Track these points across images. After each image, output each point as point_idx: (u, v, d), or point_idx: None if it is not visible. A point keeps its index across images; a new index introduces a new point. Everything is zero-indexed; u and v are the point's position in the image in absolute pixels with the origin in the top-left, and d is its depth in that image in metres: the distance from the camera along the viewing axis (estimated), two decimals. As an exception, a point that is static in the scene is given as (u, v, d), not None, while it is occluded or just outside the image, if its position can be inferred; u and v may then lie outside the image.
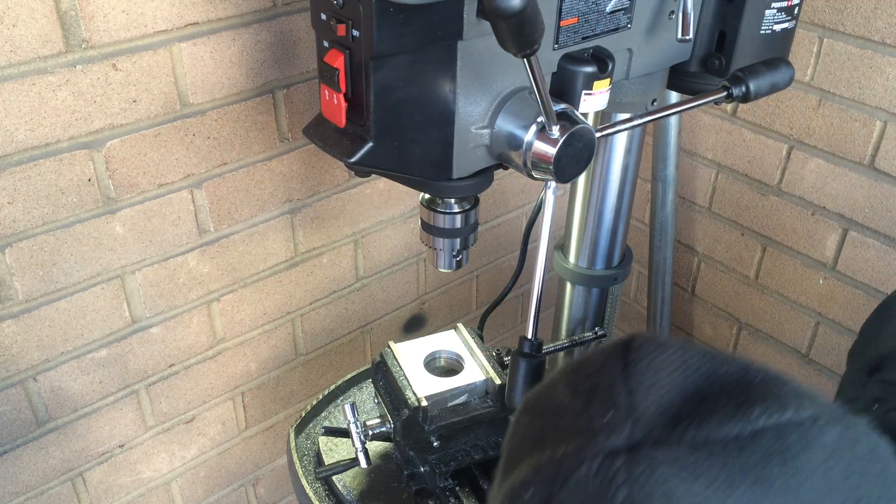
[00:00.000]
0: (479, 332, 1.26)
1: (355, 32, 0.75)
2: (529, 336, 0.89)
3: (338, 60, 0.78)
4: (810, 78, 1.44)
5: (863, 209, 1.45)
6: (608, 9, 0.90)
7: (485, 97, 0.84)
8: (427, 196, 0.96)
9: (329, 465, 1.11)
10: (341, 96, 0.79)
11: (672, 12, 0.99)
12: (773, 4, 1.02)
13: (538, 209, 1.22)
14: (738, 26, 1.03)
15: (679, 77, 1.10)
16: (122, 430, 1.32)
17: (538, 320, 0.89)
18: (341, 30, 0.76)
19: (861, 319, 1.62)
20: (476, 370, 1.14)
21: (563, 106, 0.84)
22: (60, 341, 1.18)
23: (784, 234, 1.60)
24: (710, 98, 1.04)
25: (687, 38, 0.99)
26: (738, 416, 0.41)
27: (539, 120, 0.82)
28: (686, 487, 0.38)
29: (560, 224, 1.38)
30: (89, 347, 1.22)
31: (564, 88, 0.88)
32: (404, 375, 1.11)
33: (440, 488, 1.10)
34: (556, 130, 0.81)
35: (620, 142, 1.20)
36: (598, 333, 1.28)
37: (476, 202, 0.97)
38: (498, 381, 1.10)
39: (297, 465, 1.16)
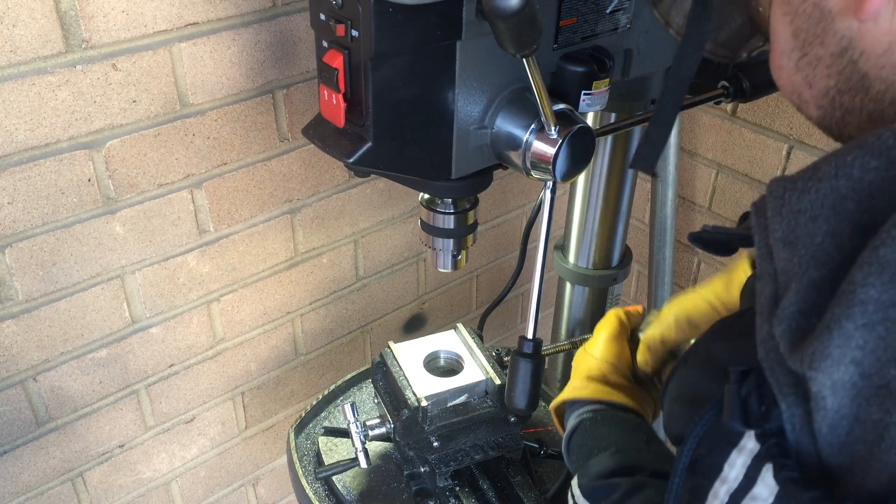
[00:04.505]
0: (479, 332, 1.26)
1: (354, 32, 0.75)
2: (529, 336, 0.88)
3: (337, 60, 0.78)
4: (810, 78, 1.44)
5: (863, 209, 1.45)
6: (608, 9, 0.90)
7: (484, 97, 0.84)
8: (427, 196, 0.96)
9: (329, 465, 1.11)
10: (340, 96, 0.79)
11: (671, 12, 0.99)
12: (773, 4, 1.01)
13: (538, 209, 1.22)
14: (738, 26, 1.03)
15: (679, 77, 1.10)
16: (122, 430, 1.32)
17: (538, 320, 0.89)
18: (340, 30, 0.76)
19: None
20: (476, 370, 1.14)
21: (562, 106, 0.84)
22: (60, 341, 1.18)
23: (784, 234, 1.60)
24: (710, 97, 1.04)
25: (686, 38, 0.99)
26: None
27: (538, 120, 0.82)
28: None
29: (560, 224, 1.38)
30: (89, 347, 1.22)
31: (564, 88, 0.88)
32: (404, 375, 1.11)
33: (440, 488, 1.10)
34: (555, 130, 0.81)
35: (620, 142, 1.20)
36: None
37: (475, 202, 0.97)
38: (498, 381, 1.10)
39: (297, 465, 1.16)
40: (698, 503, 0.50)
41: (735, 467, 0.48)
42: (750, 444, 0.47)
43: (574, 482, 0.81)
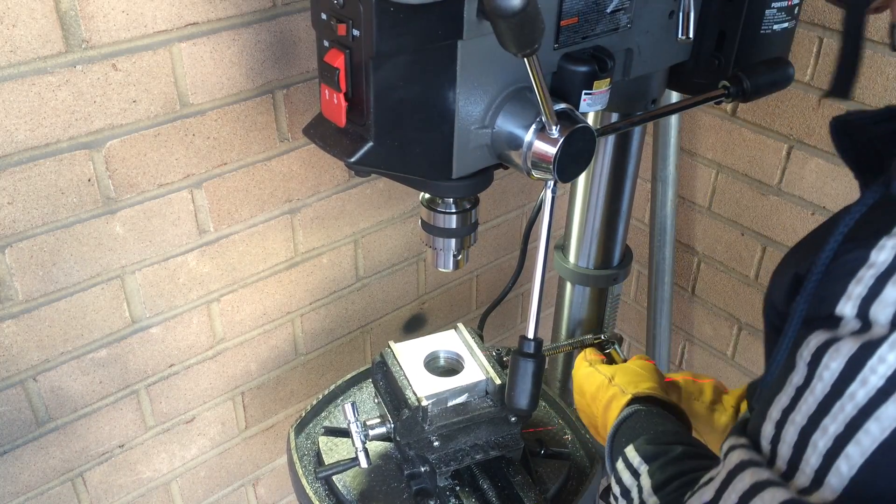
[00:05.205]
0: (479, 332, 1.26)
1: (356, 32, 0.75)
2: (529, 336, 0.89)
3: (338, 60, 0.78)
4: (810, 78, 1.44)
5: (863, 209, 1.45)
6: (608, 9, 0.90)
7: (485, 97, 0.84)
8: (427, 196, 0.96)
9: (329, 464, 1.11)
10: (341, 96, 0.79)
11: (672, 12, 0.99)
12: (773, 4, 1.02)
13: (538, 209, 1.22)
14: (738, 26, 1.03)
15: (679, 77, 1.10)
16: (122, 430, 1.32)
17: (538, 320, 0.89)
18: (342, 29, 0.76)
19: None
20: (476, 370, 1.14)
21: (563, 106, 0.84)
22: (60, 341, 1.18)
23: (784, 234, 1.60)
24: (710, 97, 1.04)
25: (687, 38, 0.99)
26: None
27: (539, 119, 0.82)
28: None
29: (560, 224, 1.39)
30: (89, 347, 1.22)
31: (565, 88, 0.88)
32: (404, 375, 1.11)
33: (440, 488, 1.10)
34: (556, 130, 0.81)
35: (620, 142, 1.20)
36: (602, 337, 1.27)
37: (476, 202, 0.97)
38: (498, 381, 1.10)
39: (298, 465, 1.16)
40: (832, 302, 0.55)
41: (885, 250, 0.53)
42: None
43: (629, 448, 0.85)
